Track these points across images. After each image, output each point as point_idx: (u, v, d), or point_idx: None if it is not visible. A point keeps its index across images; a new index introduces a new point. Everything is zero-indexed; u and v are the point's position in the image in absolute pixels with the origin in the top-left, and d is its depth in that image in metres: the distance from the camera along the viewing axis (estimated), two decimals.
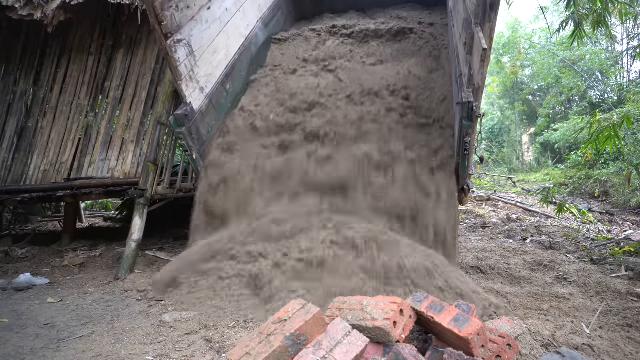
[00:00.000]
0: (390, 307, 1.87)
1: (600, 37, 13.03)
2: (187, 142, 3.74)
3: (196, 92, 3.90)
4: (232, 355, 1.69)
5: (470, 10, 3.30)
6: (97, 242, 5.64)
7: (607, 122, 4.19)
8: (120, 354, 2.31)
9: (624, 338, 2.44)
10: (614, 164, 10.28)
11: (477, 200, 9.73)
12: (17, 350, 2.38)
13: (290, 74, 4.85)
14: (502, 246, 4.99)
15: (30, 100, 5.68)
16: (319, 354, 1.60)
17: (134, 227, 4.34)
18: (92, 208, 9.94)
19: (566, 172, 12.68)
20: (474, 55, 3.03)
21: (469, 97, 2.98)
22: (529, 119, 19.42)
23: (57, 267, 4.56)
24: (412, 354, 1.66)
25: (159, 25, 3.38)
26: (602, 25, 5.47)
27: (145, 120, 5.14)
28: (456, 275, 2.83)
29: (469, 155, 3.24)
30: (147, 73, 5.30)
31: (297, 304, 1.85)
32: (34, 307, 3.22)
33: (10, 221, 7.40)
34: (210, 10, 4.15)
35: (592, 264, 4.17)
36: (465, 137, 3.10)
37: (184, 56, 3.67)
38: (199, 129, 3.93)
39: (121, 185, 4.88)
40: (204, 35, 4.01)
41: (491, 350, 1.81)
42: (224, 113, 4.46)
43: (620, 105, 11.15)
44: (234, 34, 4.67)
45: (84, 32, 5.72)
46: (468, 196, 3.77)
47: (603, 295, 3.21)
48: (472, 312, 2.08)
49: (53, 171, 5.25)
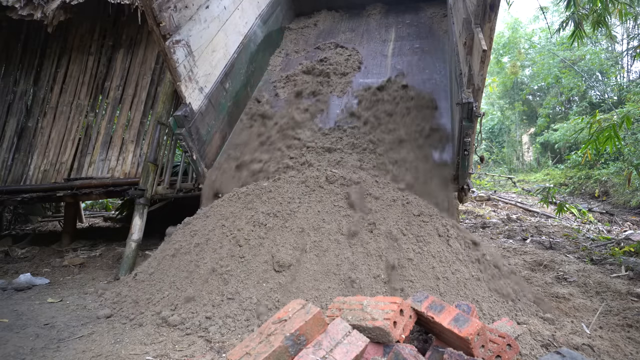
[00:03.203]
0: (390, 307, 1.87)
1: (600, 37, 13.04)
2: (187, 143, 3.73)
3: (195, 93, 3.89)
4: (232, 355, 1.69)
5: (470, 10, 3.30)
6: (97, 242, 5.64)
7: (607, 122, 4.19)
8: (120, 354, 2.31)
9: (624, 338, 2.44)
10: (614, 164, 10.28)
11: (477, 200, 9.73)
12: (17, 350, 2.38)
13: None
14: (502, 246, 4.99)
15: (30, 100, 5.68)
16: (319, 354, 1.60)
17: (134, 227, 4.34)
18: (92, 208, 9.95)
19: (566, 172, 12.69)
20: (474, 55, 3.03)
21: (469, 98, 2.98)
22: (529, 119, 19.43)
23: (57, 267, 4.56)
24: (412, 354, 1.66)
25: (157, 27, 3.37)
26: (602, 25, 5.48)
27: (145, 120, 5.14)
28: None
29: (468, 156, 3.24)
30: (147, 73, 5.30)
31: (297, 304, 1.85)
32: (34, 307, 3.22)
33: (10, 221, 7.40)
34: (208, 9, 4.14)
35: (592, 264, 4.17)
36: (465, 137, 3.10)
37: (182, 57, 3.67)
38: (199, 130, 3.92)
39: (121, 185, 4.88)
40: (202, 34, 4.01)
41: (491, 350, 1.81)
42: (223, 112, 4.46)
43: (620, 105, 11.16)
44: (233, 32, 4.67)
45: (84, 32, 5.72)
46: (468, 195, 3.78)
47: (603, 295, 3.21)
48: (472, 312, 2.08)
49: (53, 171, 5.25)
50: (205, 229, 3.33)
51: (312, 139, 4.19)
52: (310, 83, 4.94)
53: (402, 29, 5.93)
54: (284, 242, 3.03)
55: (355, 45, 5.60)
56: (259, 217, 3.24)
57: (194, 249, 3.18)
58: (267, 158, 4.05)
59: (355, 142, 4.05)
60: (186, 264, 3.09)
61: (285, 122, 4.42)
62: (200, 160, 3.95)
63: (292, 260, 2.90)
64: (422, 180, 3.55)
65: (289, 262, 2.87)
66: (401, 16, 6.20)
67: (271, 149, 4.16)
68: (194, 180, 4.57)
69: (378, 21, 6.26)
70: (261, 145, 4.26)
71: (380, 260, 2.83)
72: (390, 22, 6.17)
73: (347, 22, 6.41)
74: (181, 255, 3.20)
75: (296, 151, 4.04)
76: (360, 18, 6.41)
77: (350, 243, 2.97)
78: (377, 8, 6.50)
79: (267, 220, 3.21)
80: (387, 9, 6.44)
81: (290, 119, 4.43)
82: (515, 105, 19.07)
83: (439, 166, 3.65)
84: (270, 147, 4.20)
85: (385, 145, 3.92)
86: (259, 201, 3.41)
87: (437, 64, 5.04)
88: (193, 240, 3.27)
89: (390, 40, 5.73)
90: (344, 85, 4.89)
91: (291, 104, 4.67)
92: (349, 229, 3.06)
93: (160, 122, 4.62)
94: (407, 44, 5.57)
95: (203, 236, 3.26)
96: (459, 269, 2.79)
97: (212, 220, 3.38)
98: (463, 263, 2.85)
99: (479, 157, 4.02)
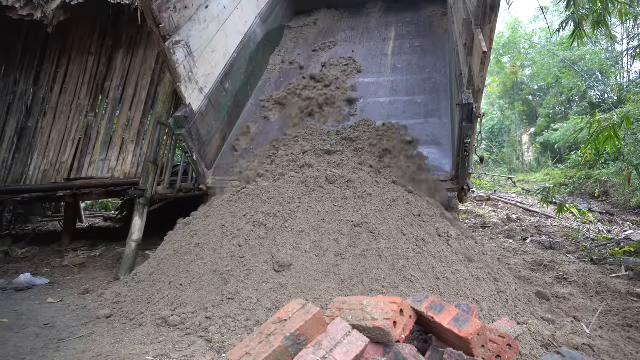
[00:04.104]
0: (390, 307, 1.87)
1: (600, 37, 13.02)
2: (187, 144, 3.73)
3: (195, 93, 3.89)
4: (232, 355, 1.69)
5: (470, 11, 3.30)
6: (97, 242, 5.64)
7: (607, 122, 4.20)
8: (120, 354, 2.31)
9: (624, 338, 2.44)
10: (614, 164, 10.27)
11: (477, 200, 9.73)
12: (17, 350, 2.38)
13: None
14: (502, 246, 4.99)
15: (30, 100, 5.68)
16: (319, 354, 1.60)
17: (134, 227, 4.34)
18: (92, 208, 9.94)
19: (566, 172, 12.69)
20: (474, 57, 3.03)
21: (469, 99, 2.98)
22: (529, 119, 19.43)
23: (57, 267, 4.56)
24: (412, 354, 1.66)
25: (157, 28, 3.37)
26: (602, 25, 5.48)
27: (145, 120, 5.14)
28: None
29: (469, 156, 3.24)
30: (147, 73, 5.30)
31: (297, 304, 1.85)
32: (34, 307, 3.22)
33: (10, 221, 7.39)
34: (208, 9, 4.14)
35: (592, 264, 4.17)
36: (465, 138, 3.10)
37: (182, 57, 3.66)
38: (199, 130, 3.92)
39: (121, 185, 4.88)
40: (202, 34, 4.00)
41: (491, 350, 1.81)
42: (223, 112, 4.45)
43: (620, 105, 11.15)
44: (233, 31, 4.67)
45: (84, 32, 5.71)
46: (468, 196, 3.78)
47: (603, 295, 3.21)
48: (472, 312, 2.08)
49: (53, 171, 5.25)
50: (205, 229, 3.32)
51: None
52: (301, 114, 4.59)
53: (402, 27, 5.94)
54: (284, 242, 3.03)
55: (354, 55, 5.44)
56: (259, 217, 3.24)
57: (194, 249, 3.18)
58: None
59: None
60: (186, 264, 3.09)
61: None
62: (201, 161, 3.95)
63: (292, 260, 2.90)
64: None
65: (289, 262, 2.87)
66: (401, 14, 6.20)
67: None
68: (194, 180, 4.57)
69: (378, 19, 6.26)
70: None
71: (380, 260, 2.83)
72: (390, 20, 6.17)
73: (347, 21, 6.41)
74: (181, 255, 3.20)
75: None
76: (360, 16, 6.41)
77: (350, 243, 2.97)
78: (377, 6, 6.50)
79: (267, 220, 3.21)
80: (387, 7, 6.45)
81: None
82: (515, 105, 19.07)
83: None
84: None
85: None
86: (259, 201, 3.40)
87: (437, 62, 5.04)
88: (193, 240, 3.27)
89: (390, 38, 5.73)
90: (336, 115, 4.54)
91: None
92: (349, 229, 3.06)
93: (160, 122, 4.62)
94: (407, 42, 5.57)
95: (203, 236, 3.26)
96: (459, 269, 2.79)
97: (212, 220, 3.38)
98: (463, 263, 2.85)
99: (479, 158, 4.02)
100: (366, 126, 4.18)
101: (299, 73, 5.28)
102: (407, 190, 3.43)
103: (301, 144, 4.05)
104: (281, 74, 5.45)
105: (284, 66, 5.57)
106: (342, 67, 5.24)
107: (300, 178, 3.57)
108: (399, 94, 4.76)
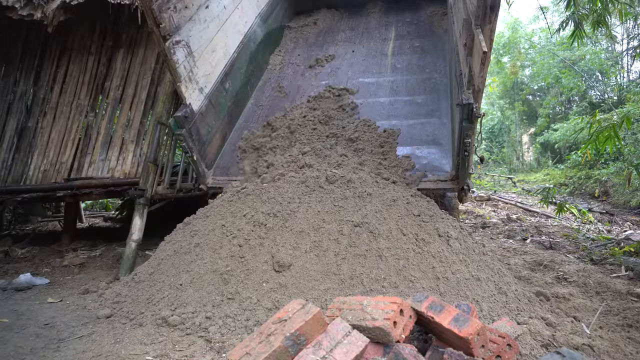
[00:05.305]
0: (390, 307, 1.87)
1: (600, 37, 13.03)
2: (187, 144, 3.73)
3: (195, 93, 3.89)
4: (232, 355, 1.69)
5: (470, 11, 3.29)
6: (97, 242, 5.64)
7: (607, 122, 4.20)
8: (120, 354, 2.31)
9: (624, 338, 2.44)
10: (614, 164, 10.28)
11: (477, 200, 9.74)
12: (17, 350, 2.38)
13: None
14: (502, 246, 4.99)
15: (30, 100, 5.68)
16: (319, 354, 1.60)
17: (134, 227, 4.34)
18: (92, 208, 9.95)
19: (566, 172, 12.69)
20: (474, 57, 3.03)
21: (469, 99, 2.98)
22: (529, 119, 19.44)
23: (57, 267, 4.56)
24: (412, 354, 1.66)
25: (157, 28, 3.37)
26: (602, 25, 5.48)
27: (145, 120, 5.14)
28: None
29: (469, 156, 3.23)
30: (147, 73, 5.30)
31: (297, 304, 1.85)
32: (34, 307, 3.22)
33: (10, 221, 7.40)
34: (208, 8, 4.14)
35: (592, 264, 4.17)
36: (465, 138, 3.10)
37: (182, 57, 3.67)
38: (199, 130, 3.92)
39: (121, 185, 4.88)
40: (202, 34, 4.01)
41: (491, 350, 1.81)
42: (224, 112, 4.45)
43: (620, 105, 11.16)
44: (233, 31, 4.67)
45: (84, 32, 5.72)
46: (468, 196, 3.78)
47: (603, 295, 3.21)
48: (472, 312, 2.08)
49: (53, 171, 5.25)
50: (205, 229, 3.33)
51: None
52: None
53: (402, 27, 5.93)
54: (284, 242, 3.03)
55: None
56: (259, 217, 3.24)
57: (194, 249, 3.18)
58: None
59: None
60: (186, 264, 3.09)
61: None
62: (201, 161, 3.95)
63: (292, 260, 2.90)
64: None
65: (289, 262, 2.87)
66: (401, 14, 6.20)
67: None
68: (194, 180, 4.57)
69: (378, 19, 6.26)
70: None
71: (380, 260, 2.83)
72: (390, 20, 6.17)
73: (347, 21, 6.41)
74: (181, 255, 3.20)
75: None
76: (360, 16, 6.41)
77: (350, 243, 2.97)
78: (377, 6, 6.50)
79: (267, 220, 3.21)
80: (387, 7, 6.45)
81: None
82: (515, 105, 19.09)
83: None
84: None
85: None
86: (259, 201, 3.41)
87: (437, 62, 5.03)
88: (193, 240, 3.27)
89: (390, 38, 5.73)
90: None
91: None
92: (349, 229, 3.06)
93: (160, 122, 4.62)
94: (407, 42, 5.57)
95: (203, 236, 3.26)
96: (459, 269, 2.79)
97: (212, 220, 3.38)
98: (463, 263, 2.85)
99: (479, 158, 4.02)
100: (366, 127, 4.18)
101: (299, 72, 5.29)
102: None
103: (299, 147, 4.06)
104: (280, 75, 5.47)
105: (284, 67, 5.59)
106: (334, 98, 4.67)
107: (300, 178, 3.57)
108: (399, 94, 4.75)
